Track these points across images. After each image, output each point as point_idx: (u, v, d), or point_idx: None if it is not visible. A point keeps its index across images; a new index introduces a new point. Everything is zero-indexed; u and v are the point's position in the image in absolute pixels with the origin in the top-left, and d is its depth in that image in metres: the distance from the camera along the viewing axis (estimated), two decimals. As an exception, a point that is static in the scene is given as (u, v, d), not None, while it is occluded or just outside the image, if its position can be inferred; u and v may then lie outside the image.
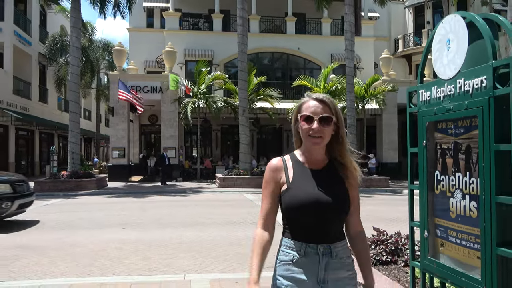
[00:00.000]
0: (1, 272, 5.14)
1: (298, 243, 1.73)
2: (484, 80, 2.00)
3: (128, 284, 4.40)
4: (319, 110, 1.73)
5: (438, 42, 2.38)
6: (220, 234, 7.57)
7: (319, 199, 1.70)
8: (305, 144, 1.80)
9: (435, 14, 28.25)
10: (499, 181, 1.94)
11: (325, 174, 1.77)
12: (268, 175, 1.83)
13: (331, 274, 1.71)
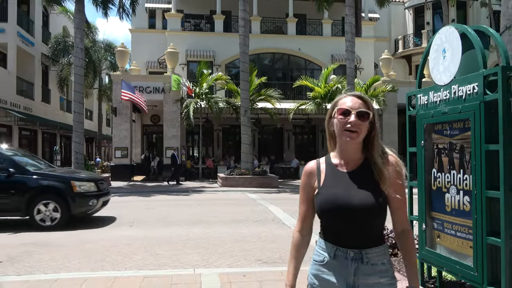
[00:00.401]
0: (20, 267, 5.35)
1: (329, 245, 1.73)
2: (475, 87, 2.22)
3: (141, 278, 4.62)
4: (357, 105, 1.71)
5: (435, 51, 2.60)
6: (226, 231, 7.78)
7: (348, 203, 1.66)
8: (339, 141, 1.75)
9: (435, 15, 28.48)
10: (489, 177, 2.16)
11: (358, 175, 1.73)
12: (303, 180, 1.83)
13: (361, 280, 1.68)
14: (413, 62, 29.25)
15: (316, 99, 21.66)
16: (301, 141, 28.22)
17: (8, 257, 5.87)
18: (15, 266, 5.43)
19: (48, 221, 8.13)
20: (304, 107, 21.82)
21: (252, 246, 6.52)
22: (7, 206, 8.11)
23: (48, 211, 8.16)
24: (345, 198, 1.67)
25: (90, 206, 8.50)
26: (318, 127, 26.16)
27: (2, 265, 5.46)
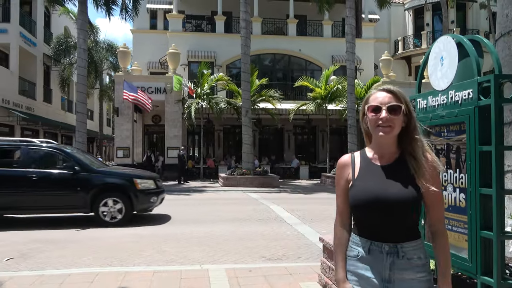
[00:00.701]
0: (29, 263, 5.53)
1: (364, 240, 1.72)
2: (470, 93, 2.40)
3: (151, 272, 4.80)
4: (387, 100, 1.69)
5: (433, 58, 2.78)
6: (229, 229, 7.97)
7: (383, 196, 1.64)
8: (374, 136, 1.76)
9: (435, 16, 28.68)
10: (482, 176, 2.34)
11: (394, 169, 1.71)
12: (338, 173, 1.83)
13: (397, 274, 1.66)
14: (413, 63, 29.45)
15: (317, 100, 21.85)
16: (301, 141, 28.40)
17: (20, 253, 6.06)
18: (28, 261, 5.61)
19: (112, 218, 8.43)
20: (304, 108, 22.01)
21: (255, 244, 6.70)
22: (74, 203, 8.40)
23: (112, 207, 8.45)
24: (381, 191, 1.65)
25: (151, 203, 8.84)
26: (318, 127, 26.34)
27: (14, 261, 5.64)
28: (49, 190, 8.28)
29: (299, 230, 7.97)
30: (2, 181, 8.19)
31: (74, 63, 29.49)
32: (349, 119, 18.87)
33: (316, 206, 11.50)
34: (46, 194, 8.27)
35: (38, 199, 8.25)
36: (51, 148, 8.87)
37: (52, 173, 8.43)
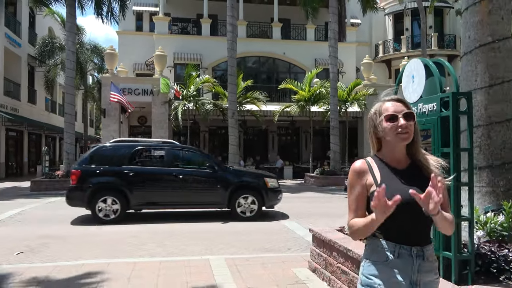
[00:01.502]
0: (39, 256, 5.95)
1: (392, 244, 1.73)
2: (434, 106, 2.99)
3: (157, 263, 5.30)
4: (400, 108, 1.77)
5: (406, 76, 3.37)
6: (222, 226, 8.49)
7: (413, 200, 1.63)
8: (391, 143, 1.79)
9: (413, 22, 29.67)
10: (443, 172, 2.93)
11: (411, 173, 1.78)
12: (353, 179, 1.84)
13: (423, 277, 1.72)
14: (393, 66, 30.38)
15: (300, 102, 22.48)
16: (285, 142, 29.02)
17: (28, 248, 6.47)
18: (37, 255, 6.03)
19: (247, 213, 9.17)
20: (288, 110, 22.63)
21: (250, 238, 7.24)
22: (215, 199, 9.20)
23: (247, 203, 9.19)
24: (409, 196, 1.61)
25: (278, 200, 9.59)
26: (302, 128, 27.01)
27: (24, 255, 6.05)
28: (195, 187, 9.21)
29: (287, 225, 8.53)
30: (151, 179, 9.07)
31: (59, 64, 29.57)
32: (332, 120, 19.56)
33: (301, 204, 12.11)
34: (193, 191, 9.18)
35: (185, 195, 9.12)
36: (192, 149, 10.12)
37: (198, 172, 9.34)
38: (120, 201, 8.74)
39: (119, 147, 9.31)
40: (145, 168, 9.27)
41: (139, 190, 8.88)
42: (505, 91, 4.07)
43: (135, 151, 9.20)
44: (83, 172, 8.82)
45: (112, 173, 8.90)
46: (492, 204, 3.97)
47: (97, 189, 8.76)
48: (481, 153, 4.12)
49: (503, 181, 4.03)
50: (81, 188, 8.75)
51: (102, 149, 9.52)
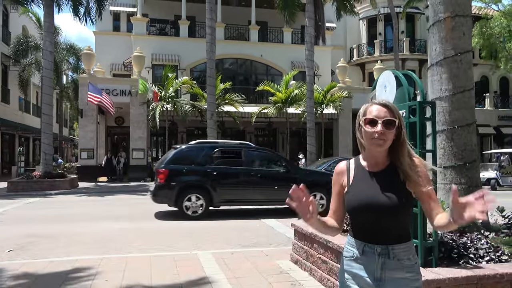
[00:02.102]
0: (29, 254, 6.14)
1: (358, 242, 1.83)
2: (404, 112, 3.43)
3: (148, 257, 5.60)
4: (383, 114, 1.78)
5: (379, 85, 3.81)
6: (206, 223, 8.80)
7: (373, 201, 1.75)
8: (367, 147, 1.85)
9: (386, 27, 30.61)
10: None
11: (385, 176, 1.82)
12: (334, 179, 1.96)
13: (388, 274, 1.77)
14: (367, 70, 31.22)
15: (277, 104, 22.96)
16: (262, 142, 29.41)
17: (18, 246, 6.64)
18: (27, 253, 6.22)
19: (319, 209, 9.49)
20: (266, 111, 23.08)
21: (232, 235, 7.59)
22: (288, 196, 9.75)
23: (316, 201, 9.42)
24: (373, 197, 1.76)
25: None
26: (278, 129, 27.50)
27: (14, 253, 6.23)
28: (271, 186, 9.79)
29: (267, 223, 8.92)
30: (232, 177, 9.81)
31: (32, 64, 29.16)
32: (308, 122, 20.07)
33: (280, 203, 12.52)
34: (269, 189, 9.78)
35: (262, 193, 9.84)
36: (266, 150, 10.88)
37: (273, 171, 10.14)
38: (205, 198, 9.37)
39: (201, 147, 9.93)
40: (226, 167, 9.87)
41: (221, 188, 9.55)
42: (466, 99, 4.57)
43: (216, 151, 9.88)
44: (170, 171, 9.31)
45: (197, 172, 9.48)
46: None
47: (184, 187, 9.34)
48: (446, 154, 4.60)
49: (464, 179, 4.52)
50: (168, 187, 9.31)
51: (186, 149, 10.08)
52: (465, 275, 3.07)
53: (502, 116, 28.57)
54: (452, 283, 3.02)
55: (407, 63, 29.79)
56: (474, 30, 26.01)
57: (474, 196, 1.50)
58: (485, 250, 3.51)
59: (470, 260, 3.39)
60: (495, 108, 29.20)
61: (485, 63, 29.34)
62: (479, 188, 4.59)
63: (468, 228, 4.00)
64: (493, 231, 4.39)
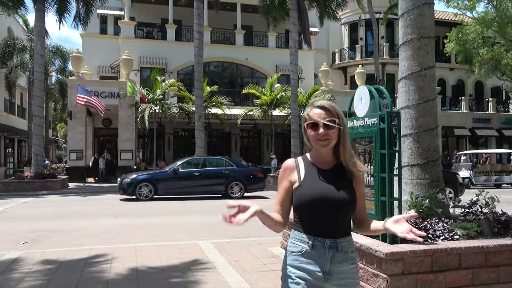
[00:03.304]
0: (42, 245, 6.75)
1: (307, 236, 1.88)
2: (376, 120, 4.21)
3: (155, 246, 6.29)
4: (323, 116, 1.89)
5: (356, 97, 4.60)
6: (197, 219, 9.51)
7: (327, 196, 1.85)
8: (314, 147, 1.95)
9: (367, 32, 31.72)
10: (381, 167, 4.16)
11: (333, 173, 1.93)
12: (282, 174, 2.02)
13: (336, 267, 1.85)
14: (348, 73, 32.28)
15: (263, 106, 23.75)
16: (247, 144, 30.20)
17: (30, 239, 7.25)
18: (40, 244, 6.83)
19: None
20: (251, 113, 23.84)
21: (223, 228, 8.28)
22: None
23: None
24: (325, 193, 1.86)
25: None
26: (263, 131, 28.27)
27: (29, 244, 6.84)
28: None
29: (256, 218, 9.64)
30: None
31: (18, 66, 29.35)
32: (292, 124, 20.91)
33: (265, 199, 13.30)
34: None
35: None
36: None
37: None
38: None
39: None
40: None
41: None
42: (429, 107, 5.40)
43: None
44: None
45: None
46: (421, 192, 5.26)
47: None
48: (413, 154, 5.42)
49: (428, 175, 5.34)
50: None
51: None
52: (423, 248, 3.88)
53: (476, 119, 29.89)
54: (412, 254, 3.82)
55: (386, 67, 30.93)
56: (451, 36, 27.29)
57: (405, 217, 1.87)
58: (441, 231, 4.32)
59: (429, 239, 4.19)
60: (470, 111, 30.51)
61: (461, 68, 30.67)
62: (440, 182, 5.43)
63: (429, 214, 4.82)
64: (452, 219, 5.22)
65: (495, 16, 24.52)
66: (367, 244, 4.05)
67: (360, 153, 4.60)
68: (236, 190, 14.13)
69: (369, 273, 3.98)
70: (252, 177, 14.80)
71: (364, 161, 4.53)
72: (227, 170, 14.47)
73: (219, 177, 14.23)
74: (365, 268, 4.04)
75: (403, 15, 5.56)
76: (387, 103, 4.34)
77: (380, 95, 4.34)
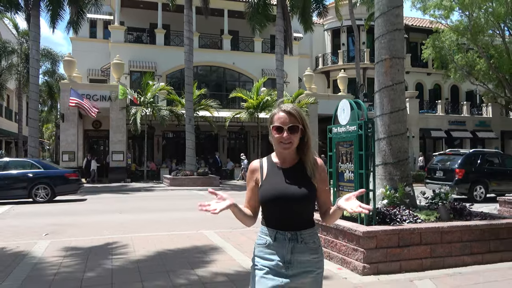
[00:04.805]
0: (63, 236, 7.60)
1: (271, 230, 2.04)
2: (355, 127, 5.26)
3: (167, 235, 7.24)
4: (287, 121, 2.01)
5: (339, 108, 5.64)
6: (194, 215, 10.42)
7: (285, 193, 2.00)
8: (276, 148, 2.10)
9: (349, 38, 33.04)
10: (360, 164, 5.20)
11: (294, 171, 2.06)
12: (248, 175, 2.18)
13: (296, 256, 2.00)
14: (331, 77, 33.52)
15: (249, 109, 24.74)
16: (234, 145, 31.15)
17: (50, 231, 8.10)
18: (61, 236, 7.69)
19: None
20: (239, 116, 24.82)
21: (220, 222, 9.23)
22: None
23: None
24: (283, 190, 2.01)
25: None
26: (250, 133, 29.26)
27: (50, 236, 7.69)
28: None
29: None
30: None
31: (7, 68, 29.74)
32: (279, 127, 21.93)
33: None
34: None
35: None
36: None
37: None
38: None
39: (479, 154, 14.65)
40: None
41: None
42: (400, 116, 6.49)
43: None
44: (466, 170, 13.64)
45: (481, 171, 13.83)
46: (393, 186, 6.35)
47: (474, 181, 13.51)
48: (386, 154, 6.50)
49: (399, 172, 6.43)
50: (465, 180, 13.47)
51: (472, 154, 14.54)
52: (391, 228, 4.95)
53: (452, 121, 31.43)
54: (383, 233, 4.89)
55: (368, 71, 32.23)
56: (427, 43, 28.75)
57: (354, 194, 2.00)
58: (407, 217, 5.40)
59: (397, 222, 5.26)
60: (446, 114, 32.05)
61: (437, 73, 32.20)
62: (409, 178, 6.53)
63: (398, 204, 5.89)
64: (418, 208, 6.32)
65: (468, 25, 26.01)
66: (348, 226, 5.10)
67: (343, 154, 5.65)
68: (42, 194, 13.17)
69: (350, 248, 5.04)
70: (63, 180, 13.65)
71: (346, 160, 5.58)
72: (31, 173, 13.27)
73: (20, 180, 13.16)
74: (347, 245, 5.09)
75: (378, 39, 6.65)
76: (363, 114, 5.40)
77: (359, 107, 5.41)
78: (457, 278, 4.73)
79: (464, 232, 5.30)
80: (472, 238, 5.33)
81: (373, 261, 4.81)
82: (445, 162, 14.52)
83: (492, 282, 4.62)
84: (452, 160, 14.26)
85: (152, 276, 4.82)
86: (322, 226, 5.64)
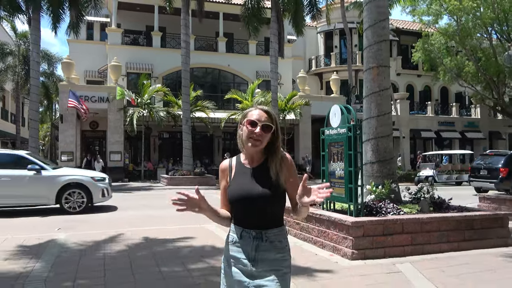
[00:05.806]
0: (76, 230, 8.17)
1: (237, 228, 2.10)
2: (345, 130, 5.91)
3: (176, 229, 7.86)
4: (263, 118, 2.06)
5: (331, 113, 6.29)
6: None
7: (250, 193, 2.04)
8: (245, 146, 2.10)
9: (342, 40, 33.79)
10: (349, 163, 5.85)
11: (260, 170, 2.10)
12: (220, 176, 2.24)
13: (260, 255, 2.04)
14: (324, 79, 34.24)
15: (245, 110, 25.31)
16: (229, 146, 31.72)
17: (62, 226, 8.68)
18: (73, 230, 8.26)
19: None
20: (234, 117, 25.42)
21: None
22: None
23: None
24: (248, 189, 2.05)
25: None
26: (244, 134, 29.82)
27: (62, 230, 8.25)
28: None
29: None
30: None
31: (4, 70, 30.09)
32: (273, 127, 22.56)
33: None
34: None
35: None
36: None
37: None
38: None
39: None
40: None
41: None
42: (386, 119, 7.16)
43: None
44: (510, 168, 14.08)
45: None
46: (379, 182, 7.02)
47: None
48: (374, 154, 7.16)
49: (385, 170, 7.10)
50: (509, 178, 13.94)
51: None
52: (377, 219, 5.61)
53: (441, 122, 32.29)
54: (369, 223, 5.55)
55: (359, 73, 32.97)
56: (417, 46, 29.56)
57: (318, 186, 1.90)
58: (391, 209, 6.06)
59: (382, 214, 5.93)
60: (436, 115, 32.90)
61: (427, 75, 33.03)
62: (394, 175, 7.21)
63: (384, 198, 6.56)
64: (402, 203, 7.00)
65: (456, 29, 26.83)
66: (339, 217, 5.76)
67: (335, 154, 6.31)
68: None
69: (340, 237, 5.69)
70: None
71: (337, 159, 6.23)
72: None
73: None
74: (338, 234, 5.74)
75: (366, 49, 7.32)
76: (353, 118, 6.06)
77: (348, 112, 6.06)
78: (434, 262, 5.39)
79: (441, 222, 5.97)
80: (449, 228, 6.01)
81: (361, 248, 5.47)
82: (488, 162, 15.44)
83: (463, 264, 5.30)
84: (495, 159, 15.19)
85: (166, 262, 5.44)
86: (315, 219, 6.29)
